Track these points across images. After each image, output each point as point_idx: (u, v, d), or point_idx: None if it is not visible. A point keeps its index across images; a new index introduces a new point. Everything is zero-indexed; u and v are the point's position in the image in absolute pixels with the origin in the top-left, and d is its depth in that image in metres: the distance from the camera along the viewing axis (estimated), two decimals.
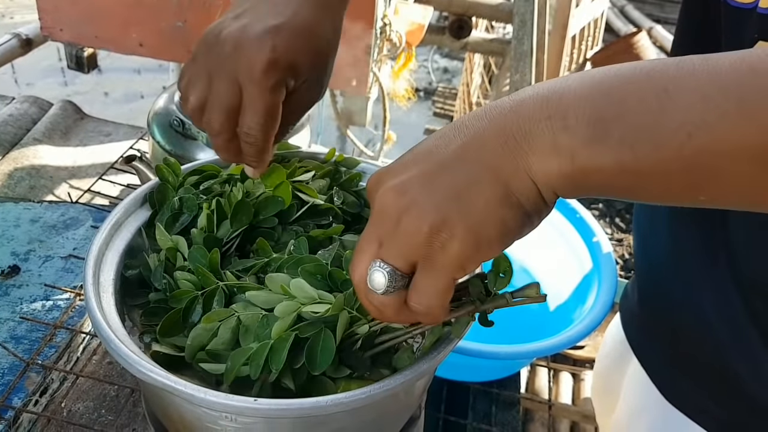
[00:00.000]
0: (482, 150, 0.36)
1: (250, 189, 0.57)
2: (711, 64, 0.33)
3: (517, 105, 0.36)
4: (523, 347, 0.79)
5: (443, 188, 0.37)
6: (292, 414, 0.42)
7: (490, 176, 0.36)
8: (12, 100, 1.31)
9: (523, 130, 0.36)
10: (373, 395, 0.42)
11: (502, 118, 0.36)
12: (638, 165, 0.34)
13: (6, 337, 0.80)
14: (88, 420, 0.75)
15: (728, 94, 0.32)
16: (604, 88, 0.35)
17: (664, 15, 4.32)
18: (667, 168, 0.34)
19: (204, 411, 0.43)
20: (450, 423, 0.84)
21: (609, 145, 0.34)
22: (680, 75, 0.34)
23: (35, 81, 3.76)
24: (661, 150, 0.33)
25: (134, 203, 0.58)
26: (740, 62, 0.33)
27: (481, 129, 0.37)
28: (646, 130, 0.33)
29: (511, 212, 0.37)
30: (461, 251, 0.37)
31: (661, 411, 0.66)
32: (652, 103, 0.34)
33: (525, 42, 1.32)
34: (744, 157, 0.32)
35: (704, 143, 0.33)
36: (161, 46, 1.46)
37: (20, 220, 0.97)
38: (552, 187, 0.36)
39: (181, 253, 0.53)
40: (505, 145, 0.36)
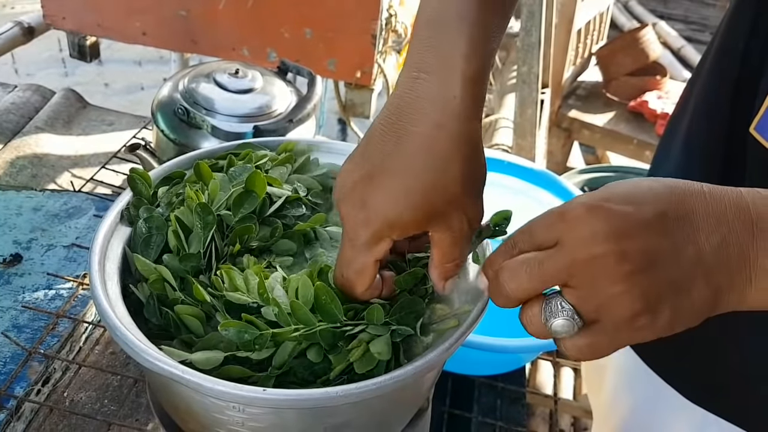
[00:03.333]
0: (719, 264, 0.37)
1: (213, 191, 0.54)
2: None
3: (761, 230, 0.37)
4: (530, 341, 0.78)
5: (669, 279, 0.37)
6: (301, 404, 0.41)
7: (713, 290, 0.37)
8: (14, 88, 1.30)
9: (760, 264, 0.36)
10: (384, 386, 0.42)
11: (747, 238, 0.37)
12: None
13: (8, 325, 0.79)
14: (90, 410, 0.75)
15: None
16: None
17: (667, 11, 4.30)
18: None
19: (211, 401, 0.43)
20: (455, 416, 0.84)
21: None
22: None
23: (35, 71, 3.74)
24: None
25: None
26: None
27: (725, 240, 0.37)
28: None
29: (702, 318, 0.38)
30: (644, 337, 0.38)
31: (648, 383, 0.68)
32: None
33: (533, 34, 1.31)
34: None
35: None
36: (164, 36, 1.45)
37: (22, 209, 0.96)
38: (738, 308, 0.38)
39: (170, 283, 0.49)
40: (741, 271, 0.37)
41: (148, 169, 0.84)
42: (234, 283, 0.48)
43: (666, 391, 0.67)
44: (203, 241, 0.51)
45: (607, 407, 0.79)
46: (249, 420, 0.43)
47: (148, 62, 3.88)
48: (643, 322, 0.37)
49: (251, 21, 1.40)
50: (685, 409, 0.65)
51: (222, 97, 0.90)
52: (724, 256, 0.37)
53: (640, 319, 0.37)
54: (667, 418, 0.68)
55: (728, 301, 0.37)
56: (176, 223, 0.51)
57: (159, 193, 0.55)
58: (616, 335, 0.38)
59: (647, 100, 2.28)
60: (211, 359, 0.43)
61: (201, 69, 0.94)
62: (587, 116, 2.32)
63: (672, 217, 0.37)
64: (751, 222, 0.37)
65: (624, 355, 0.72)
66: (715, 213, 0.37)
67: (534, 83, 1.39)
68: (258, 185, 0.54)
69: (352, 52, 1.37)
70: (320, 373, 0.45)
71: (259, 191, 0.54)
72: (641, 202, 0.38)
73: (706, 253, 0.37)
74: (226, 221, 0.53)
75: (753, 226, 0.37)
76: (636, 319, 0.37)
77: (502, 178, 1.00)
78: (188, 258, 0.50)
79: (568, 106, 2.35)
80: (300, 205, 0.57)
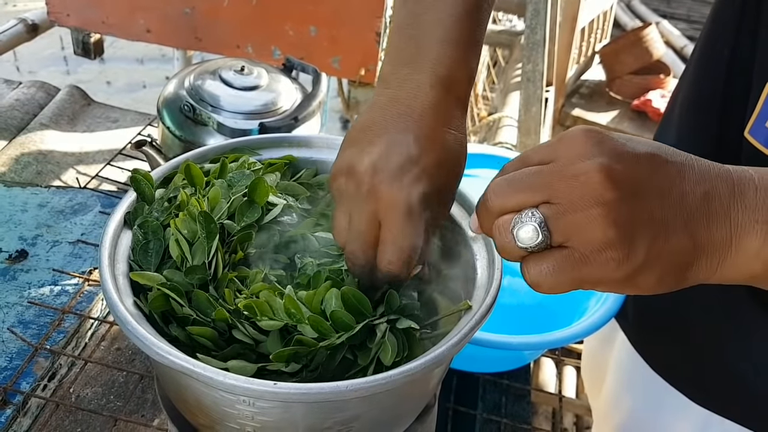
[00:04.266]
0: (702, 215, 0.36)
1: (214, 199, 0.53)
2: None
3: (741, 192, 0.36)
4: (536, 338, 0.78)
5: (651, 216, 0.35)
6: (311, 398, 0.41)
7: (692, 242, 0.36)
8: (19, 85, 1.30)
9: (740, 223, 0.36)
10: (393, 380, 0.42)
11: (729, 198, 0.36)
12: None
13: (14, 321, 0.79)
14: (96, 406, 0.75)
15: None
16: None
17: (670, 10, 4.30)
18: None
19: (222, 394, 0.43)
20: (460, 413, 0.84)
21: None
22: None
23: (38, 69, 3.74)
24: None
25: None
26: None
27: (709, 193, 0.36)
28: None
29: (676, 278, 0.37)
30: (613, 278, 0.36)
31: (650, 384, 0.68)
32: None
33: (538, 31, 1.30)
34: None
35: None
36: (168, 33, 1.45)
37: (28, 205, 0.96)
38: (727, 279, 0.37)
39: (176, 300, 0.47)
40: (720, 228, 0.36)
41: (154, 166, 0.84)
42: (262, 309, 0.47)
43: (668, 391, 0.67)
44: (207, 252, 0.50)
45: (607, 407, 0.79)
46: (259, 414, 0.43)
47: (150, 60, 3.88)
48: (613, 256, 0.35)
49: (255, 18, 1.40)
50: (688, 409, 0.65)
51: (228, 94, 0.90)
52: (707, 208, 0.36)
53: (611, 250, 0.35)
54: (669, 418, 0.68)
55: (708, 264, 0.36)
56: (177, 232, 0.50)
57: (156, 195, 0.55)
58: (581, 265, 0.36)
59: (650, 98, 2.28)
60: (246, 369, 0.43)
61: (207, 66, 0.94)
62: (590, 115, 2.32)
63: (663, 159, 0.37)
64: (732, 183, 0.37)
65: (626, 356, 0.72)
66: (701, 169, 0.37)
67: (539, 81, 1.39)
68: (260, 194, 0.54)
69: (357, 50, 1.36)
70: (349, 368, 0.46)
71: (261, 200, 0.54)
72: (637, 141, 0.38)
73: (691, 199, 0.36)
74: (228, 230, 0.53)
75: (734, 187, 0.36)
76: (606, 249, 0.35)
77: None
78: (194, 270, 0.49)
79: (572, 104, 2.35)
80: (291, 213, 0.57)
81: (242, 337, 0.46)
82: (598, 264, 0.35)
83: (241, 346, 0.46)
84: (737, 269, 0.36)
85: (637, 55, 2.32)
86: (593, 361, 0.85)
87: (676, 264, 0.36)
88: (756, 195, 0.36)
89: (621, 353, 0.74)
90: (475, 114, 2.38)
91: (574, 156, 0.36)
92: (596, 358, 0.83)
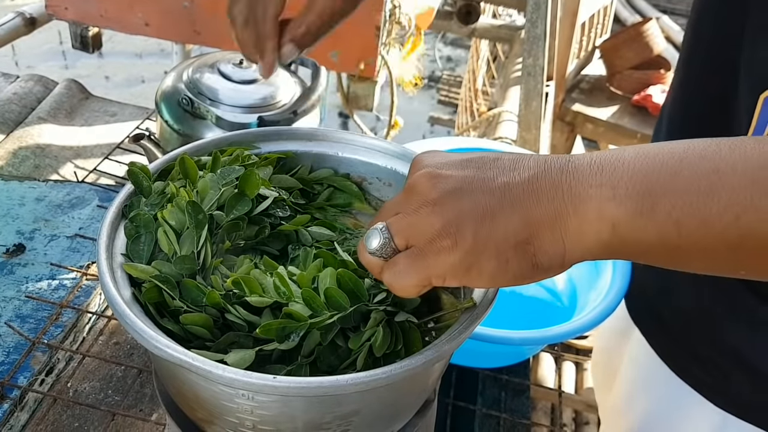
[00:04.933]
0: (529, 194, 0.38)
1: (203, 190, 0.53)
2: (764, 149, 0.34)
3: (575, 167, 0.38)
4: (536, 333, 0.78)
5: (475, 204, 0.38)
6: (311, 392, 0.41)
7: (523, 220, 0.38)
8: (16, 79, 1.29)
9: (574, 192, 0.37)
10: (394, 375, 0.41)
11: (558, 174, 0.38)
12: (681, 241, 0.35)
13: (11, 315, 0.79)
14: (94, 400, 0.75)
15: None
16: (656, 164, 0.36)
17: (671, 6, 4.29)
18: (711, 246, 0.35)
19: (221, 389, 0.42)
20: (459, 408, 0.84)
21: (654, 219, 0.35)
22: (732, 157, 0.35)
23: (36, 64, 3.73)
24: (707, 229, 0.34)
25: None
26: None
27: (536, 175, 0.38)
28: (694, 208, 0.35)
29: (520, 259, 0.38)
30: (451, 265, 0.39)
31: (666, 384, 0.67)
32: (701, 182, 0.35)
33: (538, 25, 1.30)
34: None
35: (751, 225, 0.34)
36: (167, 26, 1.44)
37: (25, 199, 0.96)
38: (582, 250, 0.38)
39: (168, 293, 0.47)
40: (552, 200, 0.37)
41: (152, 160, 0.84)
42: (251, 286, 0.47)
43: (685, 391, 0.65)
44: (196, 241, 0.50)
45: (620, 406, 0.78)
46: (258, 408, 0.43)
47: (148, 55, 3.87)
48: (445, 244, 0.38)
49: None
50: (705, 410, 0.64)
51: (226, 87, 0.90)
52: (534, 188, 0.38)
53: (441, 239, 0.38)
54: (685, 418, 0.67)
55: (551, 237, 0.37)
56: (165, 223, 0.50)
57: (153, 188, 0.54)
58: (420, 258, 0.39)
59: (651, 94, 2.28)
60: (245, 357, 0.43)
61: (205, 59, 0.93)
62: (591, 110, 2.31)
63: (490, 159, 0.40)
64: (565, 162, 0.38)
65: (642, 354, 0.71)
66: (532, 160, 0.39)
67: (539, 75, 1.39)
68: (251, 186, 0.53)
69: (356, 44, 1.36)
70: (344, 357, 0.45)
71: (252, 192, 0.53)
72: (468, 153, 0.42)
73: (515, 183, 0.38)
74: (217, 220, 0.52)
75: (566, 164, 0.38)
76: (437, 239, 0.38)
77: None
78: (183, 260, 0.49)
79: (572, 99, 2.34)
80: (285, 206, 0.56)
81: (235, 319, 0.46)
82: (433, 254, 0.39)
83: (235, 334, 0.46)
84: (587, 237, 0.37)
85: (638, 51, 2.31)
86: (605, 358, 0.84)
87: (511, 242, 0.38)
88: (590, 165, 0.37)
89: (637, 351, 0.73)
90: (475, 109, 2.37)
91: (413, 173, 0.42)
92: (609, 356, 0.81)
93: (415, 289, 0.41)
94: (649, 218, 0.35)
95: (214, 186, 0.53)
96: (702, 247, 0.35)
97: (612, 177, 0.36)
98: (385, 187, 0.62)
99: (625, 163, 0.37)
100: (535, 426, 0.84)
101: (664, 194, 0.35)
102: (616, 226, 0.36)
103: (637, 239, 0.36)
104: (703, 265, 0.38)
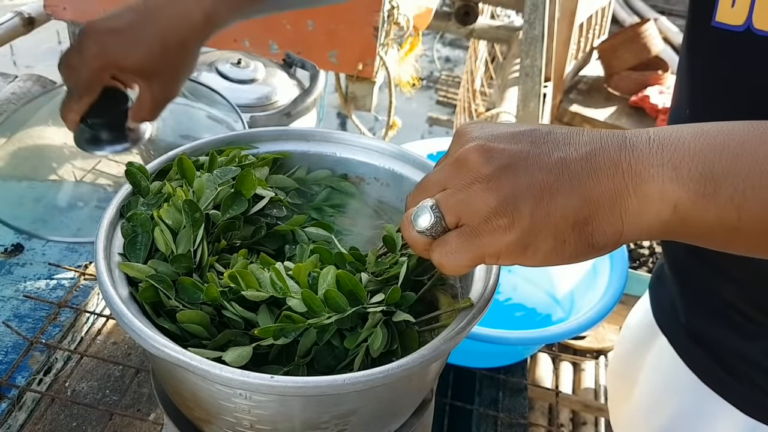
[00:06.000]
0: (588, 172, 0.37)
1: (199, 189, 0.53)
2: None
3: (632, 144, 0.37)
4: (532, 332, 0.78)
5: (531, 181, 0.37)
6: (308, 392, 0.41)
7: (582, 198, 0.37)
8: (15, 78, 1.29)
9: (634, 171, 0.36)
10: (391, 374, 0.41)
11: (617, 151, 0.37)
12: (740, 223, 0.35)
13: (9, 315, 0.79)
14: (92, 400, 0.75)
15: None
16: (717, 146, 0.36)
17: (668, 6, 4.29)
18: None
19: (218, 388, 0.42)
20: (456, 408, 0.84)
21: (716, 202, 0.35)
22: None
23: (35, 63, 3.72)
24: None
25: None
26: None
27: (594, 152, 0.37)
28: (756, 192, 0.35)
29: (577, 239, 0.37)
30: (507, 245, 0.37)
31: (691, 390, 0.66)
32: (763, 165, 0.34)
33: (536, 26, 1.30)
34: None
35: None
36: None
37: (24, 199, 0.96)
38: (640, 229, 0.37)
39: (164, 292, 0.47)
40: (611, 178, 0.36)
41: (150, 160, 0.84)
42: (247, 280, 0.47)
43: (712, 398, 0.64)
44: (193, 240, 0.50)
45: (641, 413, 0.75)
46: (255, 407, 0.43)
47: None
48: (500, 223, 0.37)
49: None
50: (733, 417, 0.63)
51: (223, 86, 0.90)
52: (592, 165, 0.37)
53: (497, 218, 0.37)
54: (711, 426, 0.65)
55: (610, 216, 0.37)
56: (161, 222, 0.50)
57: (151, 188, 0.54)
58: (474, 237, 0.38)
59: (649, 95, 2.28)
60: (243, 354, 0.43)
61: (204, 58, 0.93)
62: (589, 111, 2.32)
63: (543, 132, 0.39)
64: (623, 139, 0.37)
65: (668, 361, 0.69)
66: (588, 135, 0.38)
67: (537, 76, 1.39)
68: (247, 186, 0.53)
69: (354, 45, 1.36)
70: (342, 357, 0.45)
71: (248, 192, 0.54)
72: (518, 124, 0.40)
73: (572, 160, 0.37)
74: (213, 219, 0.53)
75: (624, 141, 0.37)
76: (492, 218, 0.37)
77: None
78: (179, 259, 0.49)
79: (570, 100, 2.34)
80: (281, 206, 0.57)
81: (231, 315, 0.46)
82: (488, 233, 0.37)
83: (232, 332, 0.46)
84: (646, 217, 0.37)
85: (636, 51, 2.31)
86: (624, 366, 0.81)
87: (570, 222, 0.37)
88: (649, 143, 0.37)
89: (660, 359, 0.72)
90: (473, 109, 2.37)
91: (459, 145, 0.40)
92: (628, 364, 0.79)
93: (467, 268, 0.40)
94: (710, 201, 0.35)
95: (210, 185, 0.53)
96: (762, 230, 0.35)
97: (673, 157, 0.36)
98: (383, 187, 0.62)
99: (685, 142, 0.36)
100: (532, 426, 0.84)
101: (726, 177, 0.35)
102: (677, 207, 0.36)
103: (698, 220, 0.36)
104: (758, 248, 0.37)
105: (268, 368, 0.45)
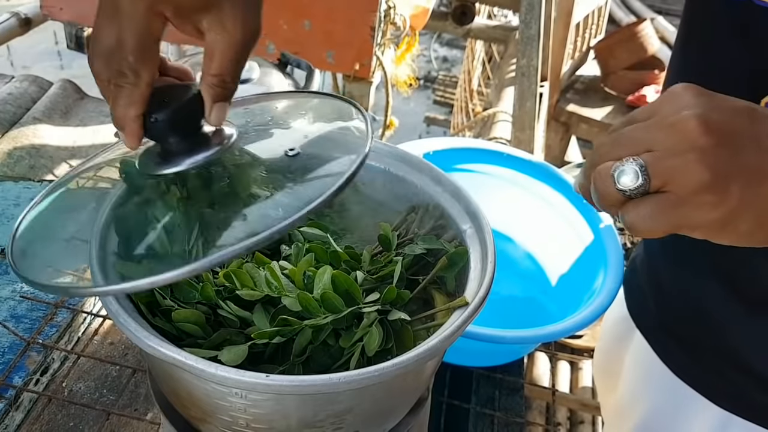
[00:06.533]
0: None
1: (194, 186, 0.51)
2: None
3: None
4: (529, 331, 0.78)
5: (746, 162, 0.36)
6: (304, 390, 0.41)
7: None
8: (11, 79, 1.29)
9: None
10: (386, 373, 0.42)
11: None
12: None
13: (6, 315, 0.79)
14: (89, 400, 0.75)
15: None
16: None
17: (665, 6, 4.30)
18: None
19: (214, 387, 0.42)
20: (453, 407, 0.84)
21: None
22: None
23: (31, 64, 3.73)
24: None
25: None
26: None
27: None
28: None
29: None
30: (709, 221, 0.37)
31: (667, 384, 0.67)
32: None
33: (532, 26, 1.30)
34: None
35: None
36: None
37: (20, 199, 0.96)
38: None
39: (158, 291, 0.47)
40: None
41: None
42: (242, 280, 0.47)
43: (687, 392, 0.65)
44: (187, 240, 0.49)
45: (623, 407, 0.77)
46: (251, 406, 0.43)
47: None
48: (709, 199, 0.36)
49: None
50: (708, 410, 0.64)
51: None
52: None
53: (706, 193, 0.36)
54: (688, 419, 0.67)
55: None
56: (155, 221, 0.50)
57: None
58: (678, 207, 0.37)
59: (645, 94, 2.29)
60: (238, 353, 0.43)
61: (199, 58, 0.93)
62: (585, 110, 2.32)
63: (761, 114, 0.38)
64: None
65: (643, 356, 0.70)
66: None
67: (533, 76, 1.39)
68: (243, 185, 0.53)
69: (351, 45, 1.36)
70: (337, 356, 0.45)
71: (244, 191, 0.54)
72: (736, 99, 0.38)
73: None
74: (207, 218, 0.53)
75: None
76: (701, 192, 0.36)
77: (500, 169, 1.00)
78: (174, 258, 0.48)
79: (566, 99, 2.35)
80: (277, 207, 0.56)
81: (227, 314, 0.46)
82: (693, 206, 0.37)
83: (227, 331, 0.46)
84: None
85: (632, 51, 2.32)
86: (606, 360, 0.83)
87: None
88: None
89: (638, 352, 0.73)
90: (470, 109, 2.38)
91: (674, 109, 0.38)
92: (611, 358, 0.81)
93: (661, 234, 0.39)
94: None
95: (206, 185, 0.53)
96: None
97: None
98: (381, 187, 0.62)
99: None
100: (529, 425, 0.84)
101: None
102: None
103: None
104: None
105: (263, 367, 0.45)
